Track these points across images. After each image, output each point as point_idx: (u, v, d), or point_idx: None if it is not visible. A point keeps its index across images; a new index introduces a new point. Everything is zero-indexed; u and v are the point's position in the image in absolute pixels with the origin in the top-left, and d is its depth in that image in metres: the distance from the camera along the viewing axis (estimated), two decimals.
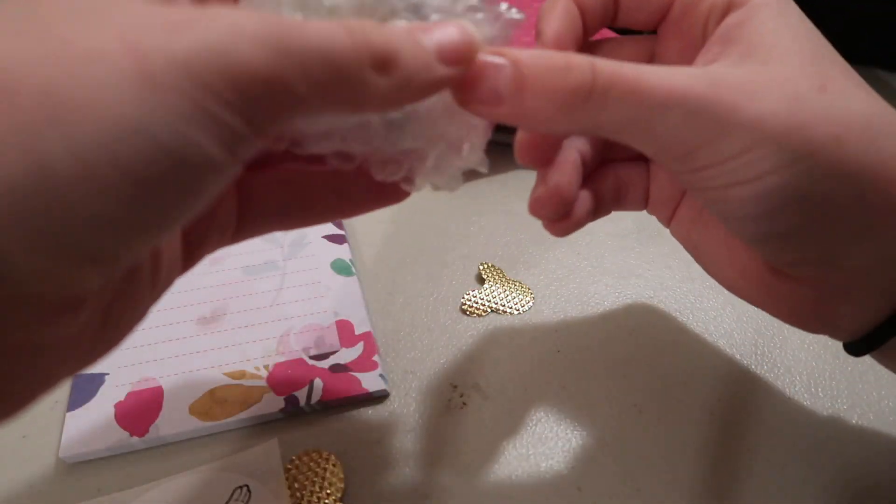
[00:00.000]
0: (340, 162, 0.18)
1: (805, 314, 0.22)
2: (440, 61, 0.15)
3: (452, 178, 0.19)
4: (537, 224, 0.39)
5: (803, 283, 0.21)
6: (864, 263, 0.19)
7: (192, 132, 0.12)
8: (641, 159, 0.26)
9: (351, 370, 0.30)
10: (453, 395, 0.30)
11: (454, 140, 0.18)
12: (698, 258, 0.25)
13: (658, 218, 0.27)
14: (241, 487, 0.26)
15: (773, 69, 0.18)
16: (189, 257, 0.20)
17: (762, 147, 0.17)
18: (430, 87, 0.15)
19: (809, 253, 0.19)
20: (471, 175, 0.46)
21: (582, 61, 0.16)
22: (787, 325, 0.33)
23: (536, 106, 0.17)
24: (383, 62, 0.14)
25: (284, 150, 0.17)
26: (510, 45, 0.17)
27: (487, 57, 0.16)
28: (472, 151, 0.19)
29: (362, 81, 0.14)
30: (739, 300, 0.24)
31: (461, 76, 0.16)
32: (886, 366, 0.24)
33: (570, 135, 0.23)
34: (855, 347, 0.22)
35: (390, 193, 0.22)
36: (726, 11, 0.20)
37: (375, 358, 0.31)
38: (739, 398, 0.30)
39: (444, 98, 0.17)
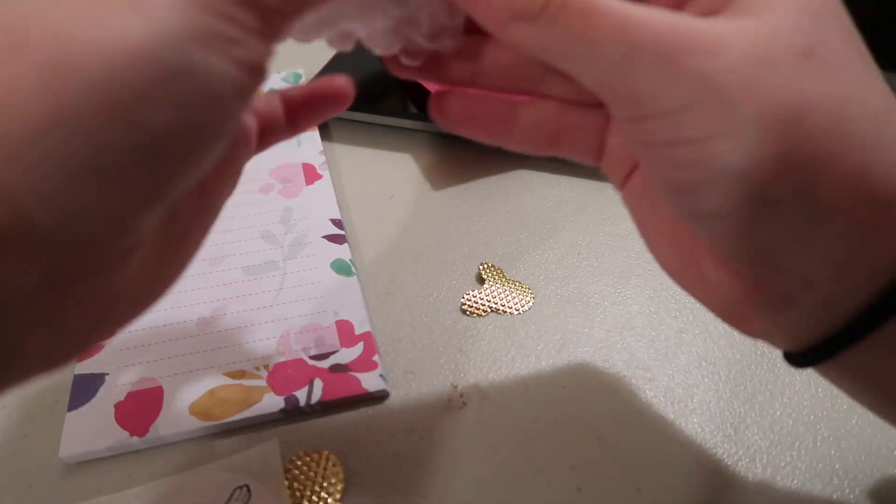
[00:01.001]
0: (340, 43, 0.18)
1: (743, 315, 0.19)
2: None
3: (448, 39, 0.20)
4: (537, 224, 0.40)
5: (745, 281, 0.18)
6: (807, 270, 0.16)
7: (196, 50, 0.13)
8: (600, 105, 0.21)
9: (351, 370, 0.30)
10: (453, 395, 0.30)
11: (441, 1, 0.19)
12: (643, 232, 0.23)
13: (611, 179, 0.23)
14: (241, 487, 0.26)
15: (753, 23, 0.15)
16: (232, 175, 0.20)
17: (706, 106, 0.15)
18: None
19: (744, 244, 0.17)
20: (471, 175, 0.46)
21: None
22: None
23: (494, 2, 0.17)
24: None
25: None
26: None
27: None
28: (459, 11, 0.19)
29: None
30: None
31: None
32: (833, 381, 0.20)
33: (512, 47, 0.20)
34: (796, 359, 0.19)
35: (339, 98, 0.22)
36: None
37: (375, 358, 0.31)
38: (739, 397, 0.30)
39: None
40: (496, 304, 0.34)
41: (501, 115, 0.22)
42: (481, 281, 0.36)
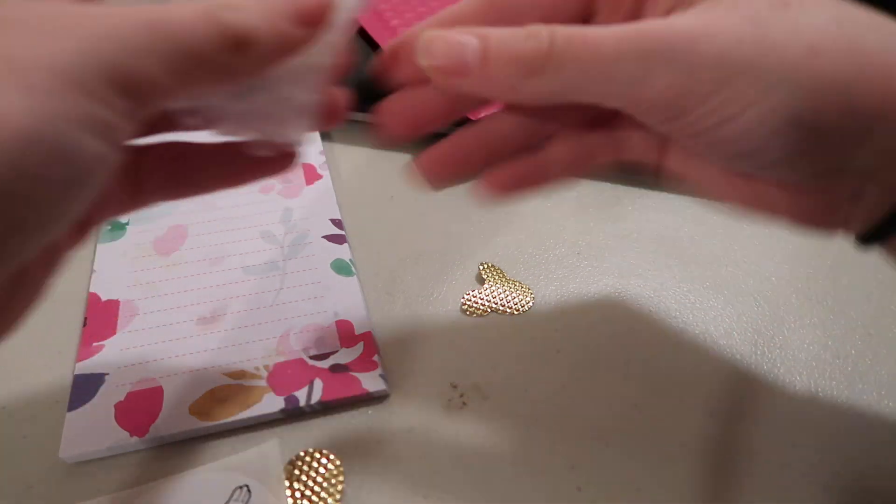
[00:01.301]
0: (188, 119, 0.19)
1: (824, 216, 0.21)
2: (296, 24, 0.16)
3: (297, 134, 0.20)
4: (538, 224, 0.40)
5: (817, 193, 0.20)
6: (867, 165, 0.19)
7: (74, 131, 0.13)
8: (600, 123, 0.24)
9: (351, 370, 0.30)
10: (453, 395, 0.30)
11: (296, 97, 0.19)
12: (701, 191, 0.24)
13: (646, 166, 0.25)
14: (241, 487, 0.26)
15: (724, 4, 0.17)
16: (79, 231, 0.20)
17: (736, 80, 0.17)
18: (285, 53, 0.17)
19: (815, 168, 0.19)
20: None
21: (541, 28, 0.18)
22: (786, 325, 0.33)
23: (500, 73, 0.18)
24: (239, 44, 0.15)
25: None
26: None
27: (456, 35, 0.18)
28: (310, 111, 0.19)
29: (221, 64, 0.15)
30: (739, 300, 0.23)
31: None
32: None
33: (535, 104, 0.23)
34: (872, 236, 0.21)
35: (272, 165, 0.22)
36: None
37: (375, 358, 0.31)
38: (739, 398, 0.30)
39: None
40: (496, 304, 0.34)
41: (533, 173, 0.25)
42: (481, 281, 0.36)
